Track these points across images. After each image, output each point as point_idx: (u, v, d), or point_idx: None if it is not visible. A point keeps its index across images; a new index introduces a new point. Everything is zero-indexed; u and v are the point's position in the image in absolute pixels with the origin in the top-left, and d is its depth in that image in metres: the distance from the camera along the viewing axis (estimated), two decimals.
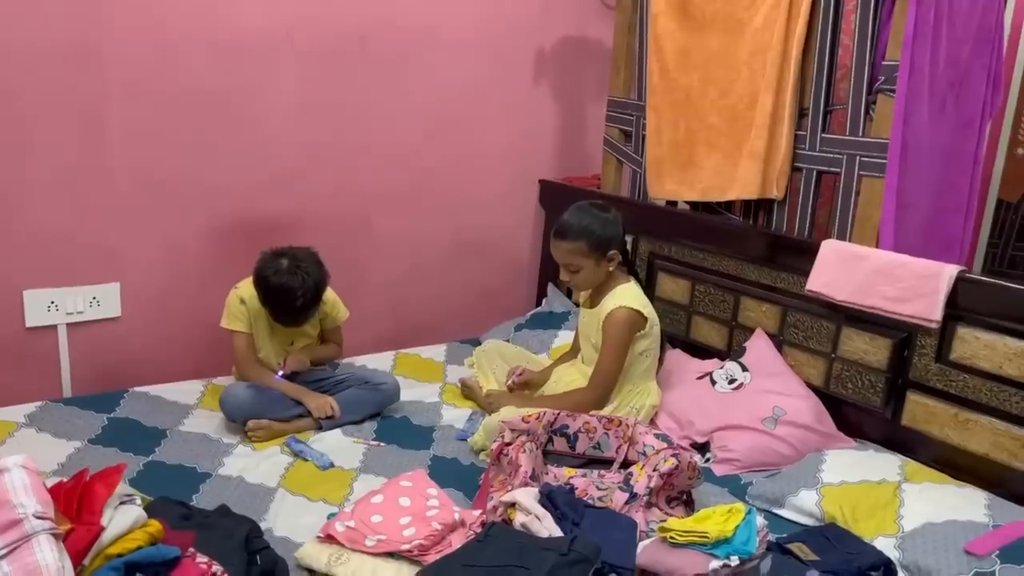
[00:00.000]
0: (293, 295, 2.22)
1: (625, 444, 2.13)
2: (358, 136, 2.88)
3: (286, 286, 2.21)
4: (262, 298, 2.28)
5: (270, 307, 2.29)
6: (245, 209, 2.70)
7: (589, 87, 3.36)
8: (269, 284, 2.23)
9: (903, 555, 1.76)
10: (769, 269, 2.53)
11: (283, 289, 2.22)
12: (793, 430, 2.25)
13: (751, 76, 2.55)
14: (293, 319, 2.31)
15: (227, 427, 2.30)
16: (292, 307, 2.25)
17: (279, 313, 2.30)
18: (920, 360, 2.19)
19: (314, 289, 2.25)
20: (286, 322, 2.33)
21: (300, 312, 2.28)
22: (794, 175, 2.57)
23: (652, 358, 2.45)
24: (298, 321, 2.34)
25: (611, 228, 2.37)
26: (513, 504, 1.75)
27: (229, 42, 2.57)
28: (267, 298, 2.27)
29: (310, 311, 2.32)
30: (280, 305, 2.26)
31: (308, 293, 2.24)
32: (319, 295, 2.29)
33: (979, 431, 2.07)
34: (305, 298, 2.24)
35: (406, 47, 2.90)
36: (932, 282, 2.10)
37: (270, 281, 2.22)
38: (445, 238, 3.19)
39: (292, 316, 2.30)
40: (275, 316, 2.31)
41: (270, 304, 2.28)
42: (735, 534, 1.66)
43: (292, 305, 2.24)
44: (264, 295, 2.27)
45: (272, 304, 2.28)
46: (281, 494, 1.98)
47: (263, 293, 2.26)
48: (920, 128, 2.27)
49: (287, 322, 2.33)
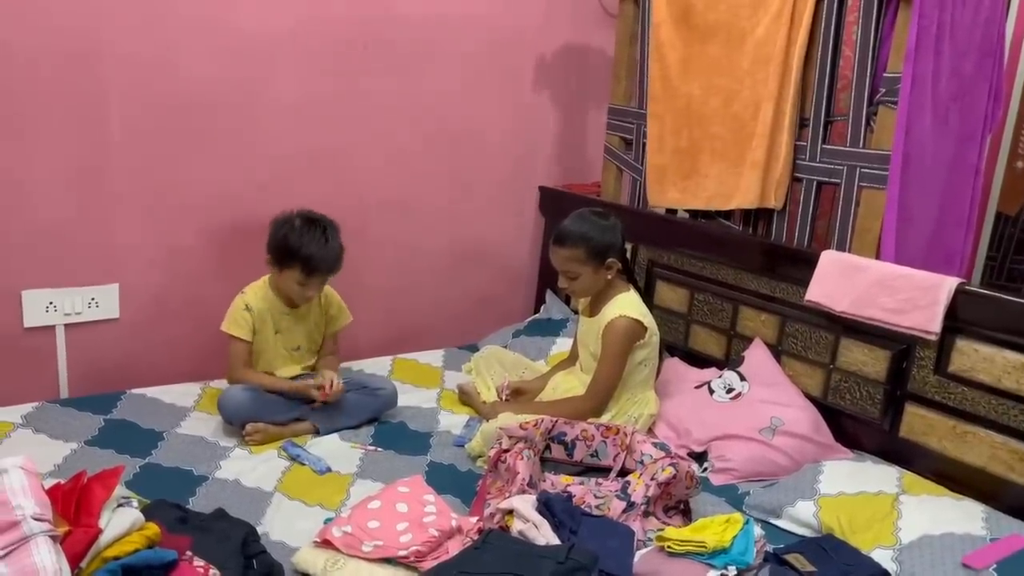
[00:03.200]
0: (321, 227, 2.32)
1: (623, 452, 2.13)
2: (358, 140, 2.88)
3: (312, 221, 2.32)
4: (293, 251, 2.27)
5: (301, 253, 2.27)
6: (244, 211, 2.69)
7: (590, 95, 3.37)
8: (294, 226, 2.29)
9: (900, 567, 1.76)
10: (768, 279, 2.53)
11: (311, 222, 2.32)
12: (791, 440, 2.25)
13: (754, 86, 2.56)
14: (321, 263, 2.29)
15: (224, 430, 2.30)
16: (320, 243, 2.28)
17: (319, 257, 2.28)
18: (919, 372, 2.19)
19: (335, 232, 2.34)
20: (314, 270, 2.29)
21: (331, 263, 2.31)
22: (794, 185, 2.57)
23: (651, 367, 2.45)
24: (333, 270, 2.33)
25: (610, 235, 2.37)
26: (510, 511, 1.75)
27: (229, 45, 2.57)
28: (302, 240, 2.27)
29: (335, 262, 2.34)
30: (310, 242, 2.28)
31: (331, 231, 2.33)
32: (341, 257, 2.35)
33: (977, 444, 2.07)
34: (330, 233, 2.32)
35: (408, 53, 2.90)
36: (931, 294, 2.10)
37: (295, 223, 2.30)
38: (444, 243, 3.19)
39: (320, 256, 2.29)
40: (306, 265, 2.28)
41: (301, 249, 2.27)
42: (733, 544, 1.67)
43: (321, 242, 2.28)
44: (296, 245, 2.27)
45: (302, 248, 2.27)
46: (278, 498, 1.97)
47: (297, 242, 2.27)
48: (922, 140, 2.28)
49: (315, 269, 2.29)
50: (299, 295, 2.36)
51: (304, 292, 2.34)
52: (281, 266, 2.33)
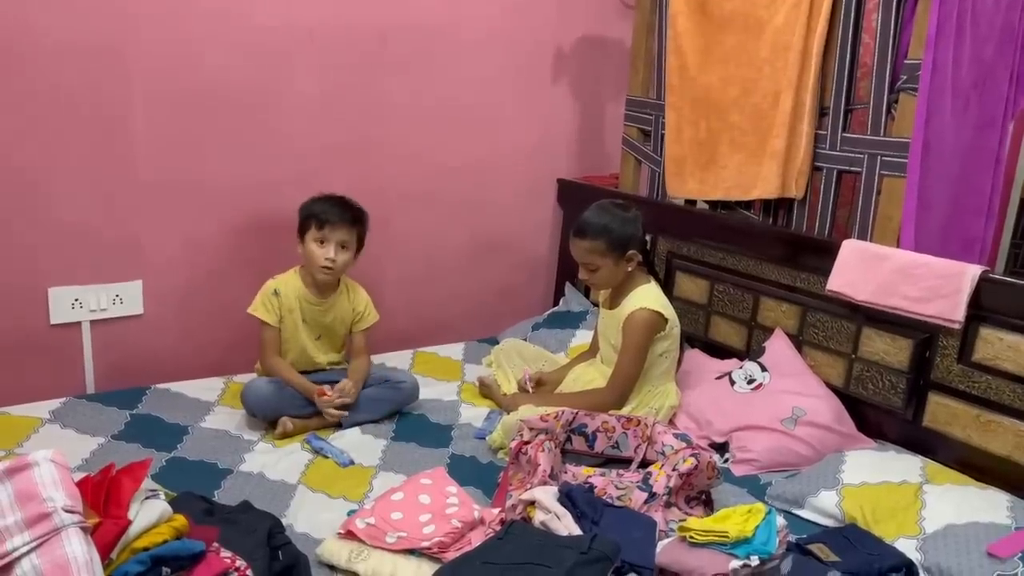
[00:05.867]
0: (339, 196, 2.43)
1: (644, 443, 2.14)
2: (377, 135, 2.90)
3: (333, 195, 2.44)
4: (308, 210, 2.37)
5: (315, 208, 2.37)
6: (265, 207, 2.71)
7: (608, 86, 3.36)
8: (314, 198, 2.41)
9: (925, 557, 1.75)
10: (789, 269, 2.52)
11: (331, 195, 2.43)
12: (813, 431, 2.24)
13: (773, 74, 2.54)
14: (335, 209, 2.37)
15: (248, 423, 2.32)
16: (335, 199, 2.39)
17: (322, 206, 2.37)
18: (942, 361, 2.17)
19: (355, 203, 2.43)
20: (329, 217, 2.35)
21: (343, 205, 2.39)
22: (814, 174, 2.56)
23: (671, 359, 2.45)
24: (345, 218, 2.38)
25: (631, 227, 2.37)
26: (532, 502, 1.75)
27: (250, 41, 2.59)
28: (313, 203, 2.39)
29: (353, 211, 2.40)
30: (325, 200, 2.39)
31: (349, 199, 2.42)
32: (361, 212, 2.43)
33: (1002, 432, 2.05)
34: (348, 199, 2.42)
35: (425, 47, 2.91)
36: (954, 282, 2.09)
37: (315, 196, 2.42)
38: (463, 237, 3.20)
39: (335, 204, 2.37)
40: (320, 215, 2.35)
41: (315, 205, 2.37)
42: (755, 534, 1.66)
43: (335, 199, 2.40)
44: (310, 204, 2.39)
45: (317, 204, 2.38)
46: (301, 491, 1.99)
47: (311, 203, 2.39)
48: (942, 127, 2.26)
49: (330, 217, 2.35)
50: (321, 261, 2.35)
51: (324, 253, 2.34)
52: (303, 233, 2.38)
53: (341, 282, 2.49)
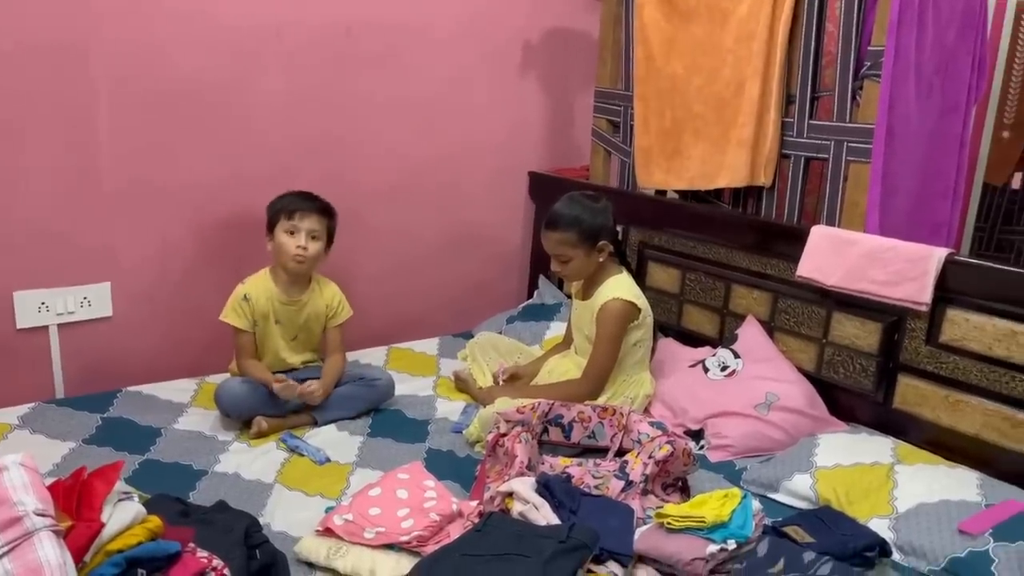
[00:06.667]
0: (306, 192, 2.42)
1: (620, 433, 2.15)
2: (347, 131, 2.88)
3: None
4: (277, 203, 2.38)
5: (284, 200, 2.37)
6: (235, 205, 2.69)
7: (576, 78, 3.36)
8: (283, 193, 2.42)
9: (897, 535, 1.78)
10: (759, 256, 2.54)
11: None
12: (786, 415, 2.27)
13: (736, 63, 2.56)
14: (304, 199, 2.38)
15: (222, 424, 2.30)
16: (303, 192, 2.40)
17: (291, 198, 2.38)
18: (911, 343, 2.21)
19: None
20: (299, 206, 2.36)
21: (312, 197, 2.40)
22: (782, 162, 2.58)
23: (645, 348, 2.46)
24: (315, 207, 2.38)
25: (601, 218, 2.38)
26: (510, 494, 1.76)
27: (217, 39, 2.56)
28: (281, 197, 2.39)
29: (321, 202, 2.41)
30: (294, 194, 2.40)
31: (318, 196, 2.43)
32: (329, 205, 2.43)
33: (970, 412, 2.09)
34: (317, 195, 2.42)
35: (393, 41, 2.90)
36: (921, 265, 2.12)
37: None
38: (436, 231, 3.19)
39: (303, 196, 2.39)
40: (289, 206, 2.36)
41: (284, 198, 2.38)
42: (731, 518, 1.68)
43: (304, 192, 2.40)
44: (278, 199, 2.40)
45: (286, 197, 2.39)
46: (278, 490, 1.98)
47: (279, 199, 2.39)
48: (906, 113, 2.29)
49: (299, 206, 2.36)
50: (293, 250, 2.33)
51: (296, 242, 2.33)
52: (272, 228, 2.38)
53: (312, 279, 2.47)
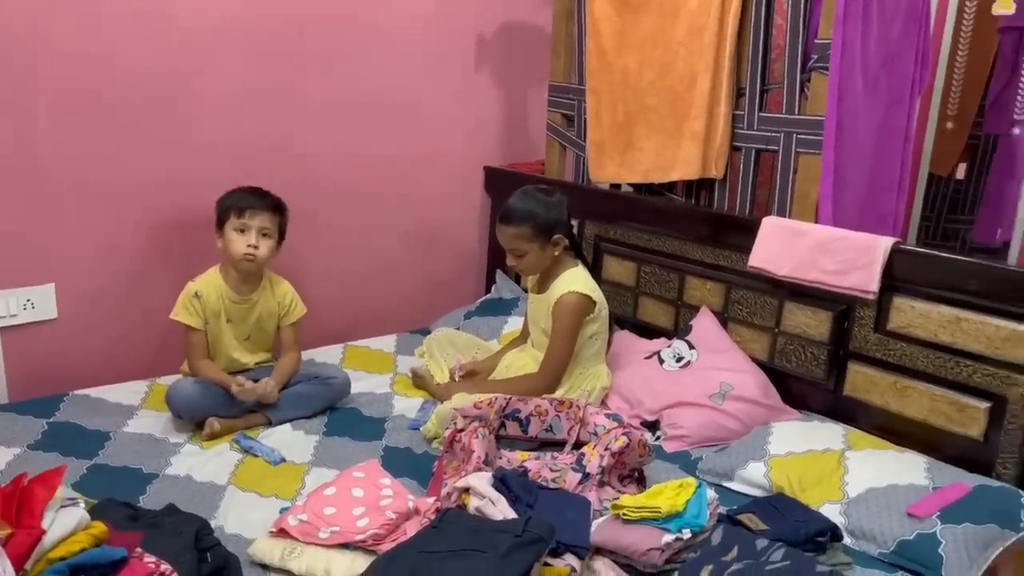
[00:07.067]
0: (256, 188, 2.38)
1: (577, 425, 2.15)
2: (300, 129, 2.84)
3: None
4: (227, 200, 2.33)
5: (233, 197, 2.33)
6: (183, 204, 2.63)
7: (531, 73, 3.36)
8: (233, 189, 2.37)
9: (848, 520, 1.81)
10: (712, 248, 2.57)
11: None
12: (740, 405, 2.29)
13: (688, 57, 2.58)
14: (254, 196, 2.34)
15: (174, 425, 2.25)
16: (253, 189, 2.36)
17: (241, 195, 2.34)
18: (860, 331, 2.24)
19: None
20: (249, 204, 2.32)
21: (262, 194, 2.35)
22: (734, 154, 2.61)
23: (601, 341, 2.47)
24: (266, 205, 2.34)
25: (555, 211, 2.38)
26: (467, 489, 1.75)
27: (165, 37, 2.50)
28: (230, 194, 2.35)
29: (272, 198, 2.37)
30: (244, 190, 2.36)
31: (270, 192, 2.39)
32: (280, 201, 2.40)
33: (917, 397, 2.13)
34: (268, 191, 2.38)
35: (345, 38, 2.86)
36: (868, 254, 2.15)
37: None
38: (392, 228, 3.16)
39: (253, 193, 2.35)
40: (239, 203, 2.32)
41: (233, 195, 2.34)
42: (686, 508, 1.70)
43: (254, 188, 2.36)
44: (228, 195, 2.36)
45: (236, 194, 2.35)
46: (231, 491, 1.94)
47: (228, 196, 2.35)
48: (854, 105, 2.33)
49: (250, 203, 2.32)
50: (243, 249, 2.29)
51: (246, 240, 2.29)
52: (221, 225, 2.33)
53: (264, 277, 2.44)
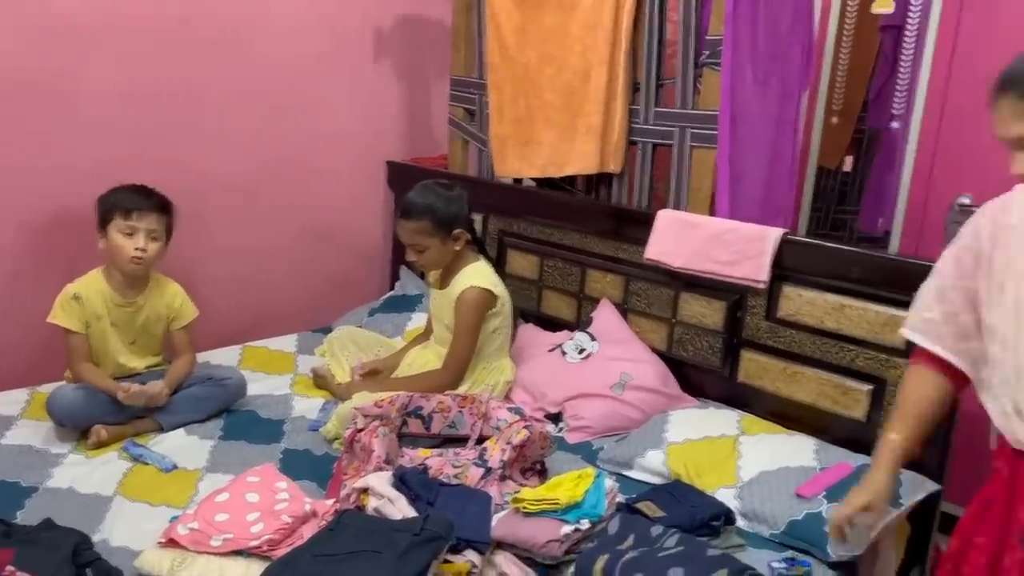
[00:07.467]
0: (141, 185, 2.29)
1: (480, 420, 2.15)
2: (187, 122, 2.73)
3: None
4: (110, 200, 2.23)
5: (118, 197, 2.24)
6: (66, 202, 2.50)
7: (432, 66, 3.33)
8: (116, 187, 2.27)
9: (742, 503, 1.87)
10: (612, 241, 2.60)
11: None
12: (640, 394, 2.33)
13: (584, 52, 2.60)
14: (140, 196, 2.25)
15: (57, 435, 2.14)
16: (138, 187, 2.27)
17: (126, 194, 2.24)
18: (752, 319, 2.31)
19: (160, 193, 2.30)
20: (136, 205, 2.22)
21: (148, 193, 2.27)
22: (631, 149, 2.65)
23: (504, 335, 2.47)
24: (153, 206, 2.25)
25: (455, 206, 2.36)
26: (366, 490, 1.73)
27: (40, 25, 2.37)
28: (114, 192, 2.25)
29: (159, 198, 2.28)
30: (128, 188, 2.26)
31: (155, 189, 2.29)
32: (167, 200, 2.30)
33: (806, 382, 2.21)
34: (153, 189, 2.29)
35: (234, 28, 2.77)
36: (759, 245, 2.22)
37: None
38: (290, 225, 3.08)
39: (139, 192, 2.26)
40: (125, 204, 2.22)
41: (117, 194, 2.24)
42: (585, 499, 1.71)
43: (139, 187, 2.27)
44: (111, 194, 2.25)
45: (119, 192, 2.25)
46: (119, 502, 1.86)
47: (111, 194, 2.25)
48: (746, 99, 2.39)
49: (137, 204, 2.22)
50: (131, 252, 2.20)
51: (134, 243, 2.20)
52: (105, 225, 2.23)
53: (151, 278, 2.34)
